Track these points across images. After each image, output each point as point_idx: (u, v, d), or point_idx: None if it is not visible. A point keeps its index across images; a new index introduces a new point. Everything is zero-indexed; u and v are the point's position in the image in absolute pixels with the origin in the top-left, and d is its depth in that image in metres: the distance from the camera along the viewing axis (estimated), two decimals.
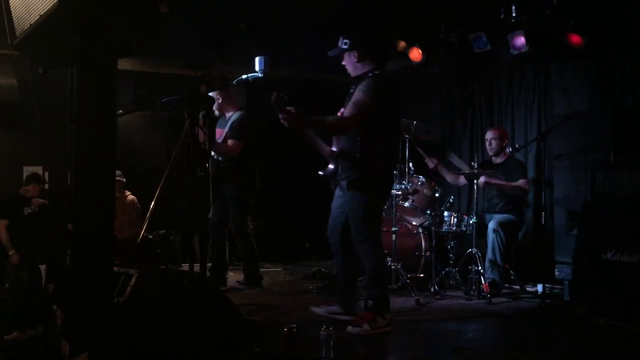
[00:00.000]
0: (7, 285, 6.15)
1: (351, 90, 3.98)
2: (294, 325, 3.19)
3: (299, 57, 6.49)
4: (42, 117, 6.38)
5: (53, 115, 6.10)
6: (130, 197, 6.73)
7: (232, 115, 5.30)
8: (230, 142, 5.16)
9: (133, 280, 3.11)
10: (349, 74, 4.05)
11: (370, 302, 3.86)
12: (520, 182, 5.46)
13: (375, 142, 3.87)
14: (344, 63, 4.02)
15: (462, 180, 5.76)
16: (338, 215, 4.07)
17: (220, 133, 5.27)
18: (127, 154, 7.32)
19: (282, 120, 3.69)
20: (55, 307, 3.40)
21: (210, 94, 3.46)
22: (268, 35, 5.67)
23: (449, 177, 5.90)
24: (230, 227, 5.34)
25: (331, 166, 4.04)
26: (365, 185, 3.86)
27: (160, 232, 6.66)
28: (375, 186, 3.92)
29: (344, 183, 3.95)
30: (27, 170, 6.74)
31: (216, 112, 5.29)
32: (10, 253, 6.03)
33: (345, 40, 3.94)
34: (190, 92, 2.77)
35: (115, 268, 3.19)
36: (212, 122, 4.35)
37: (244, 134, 5.19)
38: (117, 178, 6.49)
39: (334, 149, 4.05)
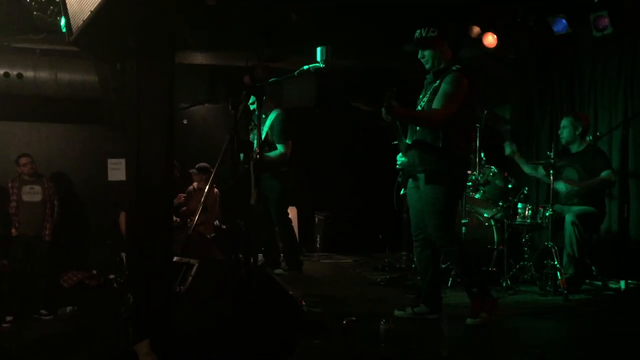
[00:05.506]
0: None
1: (429, 82, 3.89)
2: (354, 318, 3.15)
3: (361, 46, 6.38)
4: (121, 111, 6.63)
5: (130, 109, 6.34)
6: (215, 190, 6.96)
7: (270, 114, 5.35)
8: (280, 146, 5.26)
9: (194, 270, 3.18)
10: (424, 65, 3.90)
11: (474, 289, 3.85)
12: (604, 174, 5.10)
13: (457, 133, 3.78)
14: (424, 54, 3.87)
15: (541, 171, 5.45)
16: (421, 209, 3.93)
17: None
18: (202, 148, 7.51)
19: (383, 109, 3.68)
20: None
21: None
22: (331, 24, 5.63)
23: (526, 167, 5.59)
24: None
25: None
26: (447, 177, 3.78)
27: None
28: (455, 178, 3.85)
29: (421, 175, 3.86)
30: (112, 162, 7.01)
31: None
32: None
33: (433, 29, 3.81)
34: (235, 83, 2.77)
35: (177, 258, 3.28)
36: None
37: (290, 132, 5.31)
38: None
39: (407, 141, 3.95)
